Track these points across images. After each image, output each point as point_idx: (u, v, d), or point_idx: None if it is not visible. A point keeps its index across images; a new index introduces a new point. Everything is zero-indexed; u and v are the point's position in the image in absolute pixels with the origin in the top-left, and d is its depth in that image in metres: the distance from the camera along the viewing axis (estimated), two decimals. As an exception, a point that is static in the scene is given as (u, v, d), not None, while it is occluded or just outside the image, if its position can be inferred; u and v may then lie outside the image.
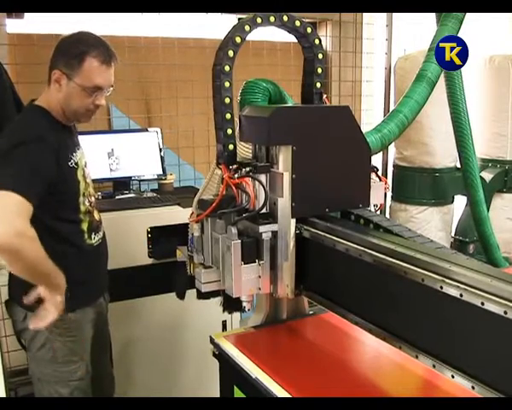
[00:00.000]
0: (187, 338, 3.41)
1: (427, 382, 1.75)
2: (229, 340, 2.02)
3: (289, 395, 1.65)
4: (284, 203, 1.90)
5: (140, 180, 3.63)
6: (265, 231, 1.88)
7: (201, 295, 2.08)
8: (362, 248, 1.72)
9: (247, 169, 1.91)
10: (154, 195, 3.57)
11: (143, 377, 3.37)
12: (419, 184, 3.84)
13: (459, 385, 1.47)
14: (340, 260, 1.82)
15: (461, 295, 1.42)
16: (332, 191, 1.97)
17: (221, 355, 2.00)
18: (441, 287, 1.46)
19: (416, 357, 1.58)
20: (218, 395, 2.09)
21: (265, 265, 1.92)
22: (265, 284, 1.93)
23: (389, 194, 3.97)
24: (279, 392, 1.67)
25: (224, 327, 2.38)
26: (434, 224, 3.84)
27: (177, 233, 2.69)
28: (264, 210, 1.90)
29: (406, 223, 3.63)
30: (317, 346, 2.05)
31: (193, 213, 2.09)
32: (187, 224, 2.15)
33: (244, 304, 1.99)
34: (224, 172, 1.95)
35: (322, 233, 1.89)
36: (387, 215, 3.91)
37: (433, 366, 1.53)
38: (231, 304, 2.07)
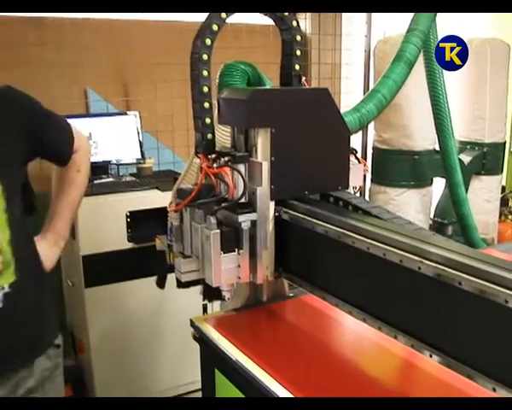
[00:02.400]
0: (167, 322, 3.42)
1: (407, 361, 1.77)
2: (209, 323, 2.02)
3: (270, 377, 1.65)
4: (263, 192, 1.90)
5: (118, 164, 3.62)
6: (244, 220, 1.88)
7: (181, 285, 2.07)
8: (341, 230, 1.73)
9: (226, 159, 1.90)
10: (133, 179, 3.55)
11: (123, 363, 3.37)
12: (398, 167, 3.85)
13: (437, 364, 1.48)
14: (319, 242, 1.83)
15: (438, 276, 1.43)
16: (311, 174, 1.97)
17: (201, 338, 2.00)
18: (419, 267, 1.47)
19: (395, 337, 1.59)
20: (199, 378, 2.10)
21: (245, 254, 1.92)
22: (245, 272, 1.94)
23: (368, 176, 3.98)
24: (260, 374, 1.68)
25: (205, 310, 2.38)
26: (413, 206, 3.86)
27: (157, 217, 2.68)
28: (243, 200, 1.90)
29: (386, 205, 3.64)
30: (297, 328, 2.06)
31: (171, 202, 2.08)
32: (166, 208, 2.14)
33: (224, 293, 1.99)
34: (203, 162, 1.94)
35: (302, 215, 1.89)
36: (367, 198, 3.93)
37: (412, 346, 1.54)
38: (211, 293, 2.07)
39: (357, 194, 2.14)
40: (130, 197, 3.25)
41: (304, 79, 2.16)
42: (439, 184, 4.11)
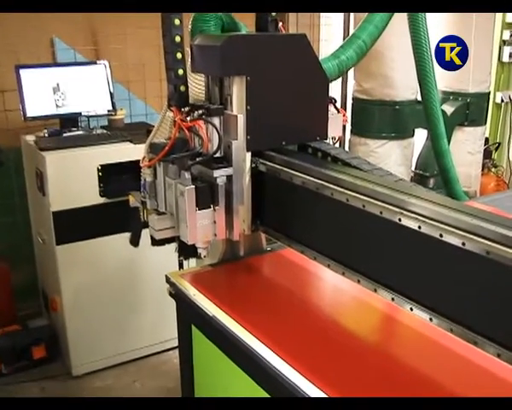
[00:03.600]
0: (143, 279, 3.42)
1: (387, 316, 1.79)
2: (185, 278, 2.03)
3: (248, 333, 1.67)
4: (239, 146, 1.88)
5: (89, 116, 3.56)
6: (220, 175, 1.88)
7: (156, 242, 2.07)
8: (319, 182, 1.73)
9: (200, 112, 1.88)
10: (104, 131, 3.50)
11: (98, 322, 3.38)
12: (379, 118, 3.83)
13: (418, 318, 1.50)
14: (297, 194, 1.83)
15: (419, 228, 1.44)
16: (288, 123, 1.96)
17: (177, 295, 2.01)
18: (400, 219, 1.48)
19: (375, 291, 1.61)
20: (175, 335, 2.11)
21: (220, 210, 1.92)
22: (221, 229, 1.94)
23: (348, 128, 3.97)
24: (237, 330, 1.69)
25: (181, 266, 2.38)
26: (394, 158, 3.86)
27: (130, 170, 2.66)
28: (218, 154, 1.88)
29: (366, 157, 3.62)
30: (275, 282, 2.07)
31: (144, 157, 2.05)
32: (139, 161, 2.11)
33: (200, 250, 1.99)
34: (176, 115, 1.92)
35: (279, 167, 1.89)
36: (347, 149, 3.93)
37: (392, 300, 1.56)
38: (187, 250, 2.07)
39: (337, 145, 2.14)
40: (101, 151, 3.21)
41: (281, 24, 2.12)
42: (420, 135, 4.11)
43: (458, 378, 1.50)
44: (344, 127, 2.93)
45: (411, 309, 1.51)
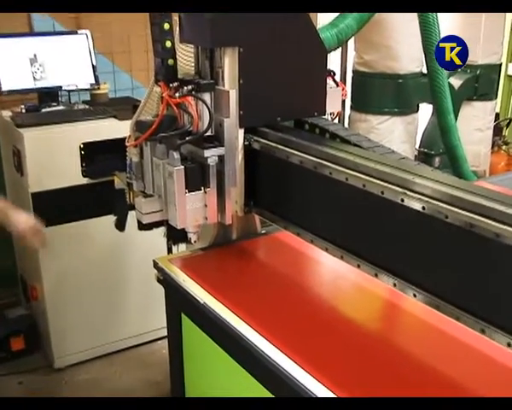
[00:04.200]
0: (129, 264, 3.43)
1: (389, 302, 1.81)
2: (174, 264, 2.04)
3: (241, 321, 1.68)
4: (231, 124, 1.89)
5: (70, 90, 3.54)
6: (211, 155, 1.88)
7: (143, 227, 2.07)
8: (317, 160, 1.74)
9: (189, 87, 1.87)
10: (87, 107, 3.49)
11: (81, 311, 3.38)
12: (381, 92, 3.84)
13: (421, 305, 1.52)
14: (293, 173, 1.84)
15: (423, 209, 1.44)
16: (284, 98, 1.96)
17: (166, 281, 2.02)
18: (402, 200, 1.49)
19: (376, 276, 1.62)
20: (164, 324, 2.12)
21: (212, 192, 1.92)
22: (212, 212, 1.95)
23: (348, 103, 3.97)
24: (230, 318, 1.70)
25: (170, 251, 2.38)
26: (397, 135, 3.87)
27: (115, 149, 2.65)
28: (209, 132, 1.89)
29: (367, 134, 3.65)
30: (269, 267, 2.09)
31: (130, 135, 2.05)
32: (125, 138, 2.11)
33: (190, 235, 2.00)
34: (164, 91, 1.91)
35: (274, 144, 1.89)
36: (346, 126, 3.93)
37: (394, 285, 1.57)
38: (176, 235, 2.08)
39: (335, 121, 2.14)
40: (84, 127, 3.20)
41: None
42: (425, 110, 4.12)
43: (469, 372, 1.51)
44: (343, 102, 2.93)
45: (414, 295, 1.52)
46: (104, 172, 2.87)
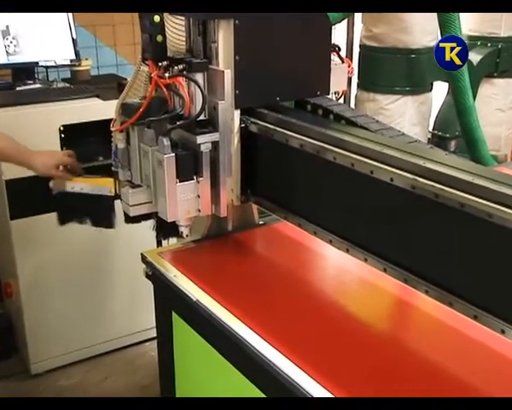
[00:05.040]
0: (114, 258, 3.43)
1: (399, 300, 1.83)
2: (164, 257, 2.05)
3: (236, 319, 1.69)
4: (226, 108, 1.90)
5: (47, 67, 3.54)
6: (204, 141, 1.89)
7: (130, 219, 2.09)
8: (320, 144, 1.74)
9: (181, 67, 1.87)
10: (67, 85, 3.50)
11: (61, 310, 3.39)
12: (391, 68, 3.83)
13: (435, 302, 1.53)
14: (294, 158, 1.85)
15: (436, 197, 1.45)
16: (284, 76, 1.97)
17: (155, 276, 2.03)
18: (413, 187, 1.50)
19: (385, 270, 1.63)
20: (153, 324, 2.14)
21: (205, 182, 1.93)
22: (206, 204, 1.96)
23: (354, 80, 3.97)
24: (225, 317, 1.71)
25: (159, 243, 2.40)
26: (409, 116, 3.87)
27: (98, 132, 2.66)
28: (202, 117, 1.89)
29: (375, 115, 3.66)
30: (268, 261, 2.10)
31: (115, 119, 2.06)
32: (109, 120, 2.12)
33: (181, 229, 2.02)
34: (152, 70, 1.91)
35: (273, 127, 1.90)
36: (352, 106, 3.93)
37: (405, 281, 1.58)
38: (166, 228, 2.10)
39: (340, 100, 2.15)
40: (63, 108, 3.20)
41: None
42: (440, 89, 4.12)
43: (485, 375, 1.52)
44: (349, 80, 2.94)
45: (427, 292, 1.53)
46: (86, 158, 2.87)
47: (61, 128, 3.14)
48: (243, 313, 1.71)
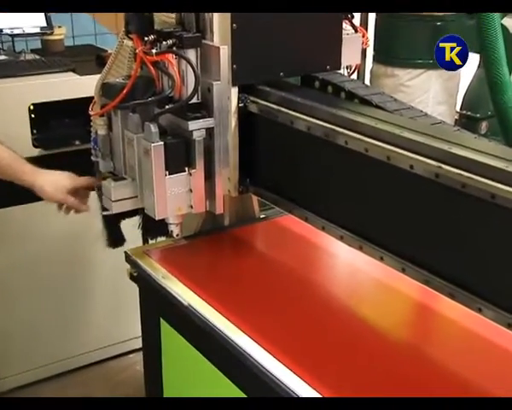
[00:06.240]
0: (94, 257, 3.43)
1: (421, 306, 1.85)
2: (151, 256, 2.07)
3: (232, 326, 1.71)
4: (222, 89, 1.90)
5: (13, 35, 3.54)
6: (197, 128, 1.89)
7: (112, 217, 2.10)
8: (329, 126, 1.75)
9: (170, 42, 1.87)
10: (37, 57, 3.49)
11: (31, 319, 3.38)
12: (413, 39, 3.82)
13: (462, 308, 1.54)
14: (299, 142, 1.86)
15: (463, 187, 1.45)
16: (288, 48, 1.97)
17: (141, 277, 2.05)
18: (437, 175, 1.50)
19: (403, 270, 1.64)
20: (138, 332, 2.16)
21: (198, 174, 1.95)
22: (198, 199, 1.97)
23: (370, 52, 3.97)
24: (220, 323, 1.73)
25: (146, 240, 2.41)
26: (433, 94, 3.87)
27: (74, 112, 2.67)
28: (194, 100, 1.89)
29: (394, 93, 3.66)
30: (270, 261, 2.13)
31: (95, 101, 2.07)
32: (87, 98, 2.13)
33: (171, 228, 2.03)
34: (137, 46, 1.90)
35: (276, 106, 1.91)
36: (367, 82, 3.94)
37: (426, 282, 1.59)
38: (154, 227, 2.11)
39: (353, 76, 2.16)
40: (33, 84, 3.19)
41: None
42: (470, 62, 4.11)
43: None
44: (364, 52, 2.94)
45: (452, 296, 1.53)
46: (60, 142, 2.89)
47: (31, 107, 3.14)
48: (241, 320, 1.73)
